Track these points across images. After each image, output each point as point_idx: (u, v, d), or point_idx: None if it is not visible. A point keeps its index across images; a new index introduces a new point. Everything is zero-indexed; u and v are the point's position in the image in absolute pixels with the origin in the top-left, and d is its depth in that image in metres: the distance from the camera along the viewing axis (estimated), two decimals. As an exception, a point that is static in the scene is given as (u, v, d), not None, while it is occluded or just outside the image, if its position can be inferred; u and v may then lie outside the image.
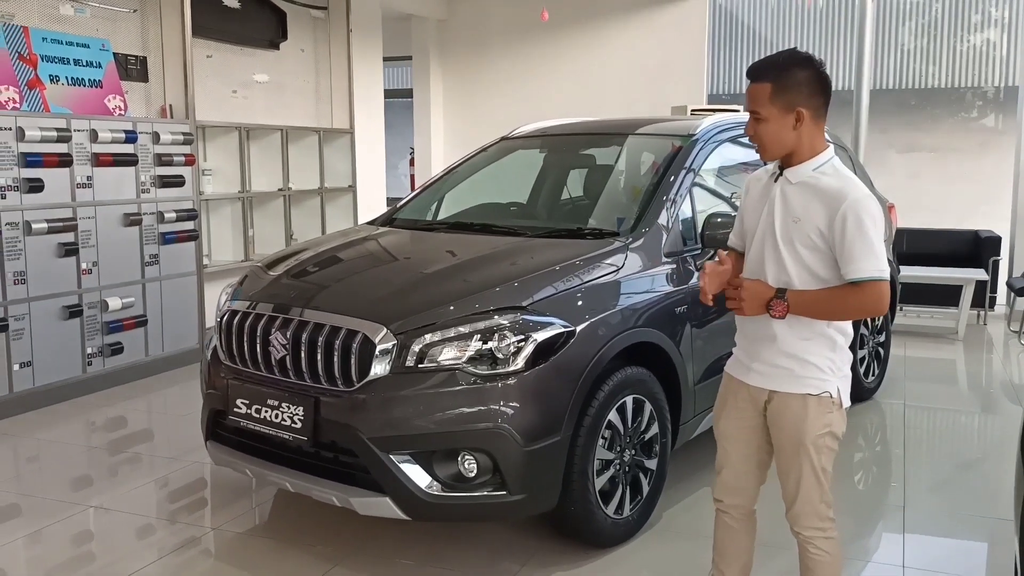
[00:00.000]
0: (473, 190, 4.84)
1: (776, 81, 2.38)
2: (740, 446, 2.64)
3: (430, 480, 3.10)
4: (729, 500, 2.70)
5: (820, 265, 2.40)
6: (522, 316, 3.20)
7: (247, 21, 7.43)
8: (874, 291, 2.32)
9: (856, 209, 2.32)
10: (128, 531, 3.78)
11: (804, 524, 2.53)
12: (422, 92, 10.66)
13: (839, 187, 2.37)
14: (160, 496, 4.16)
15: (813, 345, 2.44)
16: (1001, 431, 5.31)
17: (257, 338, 3.43)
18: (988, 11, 10.71)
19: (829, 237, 2.36)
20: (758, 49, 11.38)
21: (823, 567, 2.55)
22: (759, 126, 2.42)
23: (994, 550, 3.62)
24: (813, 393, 2.45)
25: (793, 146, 2.41)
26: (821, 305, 2.40)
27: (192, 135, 6.45)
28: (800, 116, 2.38)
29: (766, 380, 2.51)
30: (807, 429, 2.45)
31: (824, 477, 2.50)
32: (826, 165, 2.43)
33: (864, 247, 2.31)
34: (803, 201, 2.41)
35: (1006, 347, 7.27)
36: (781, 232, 2.44)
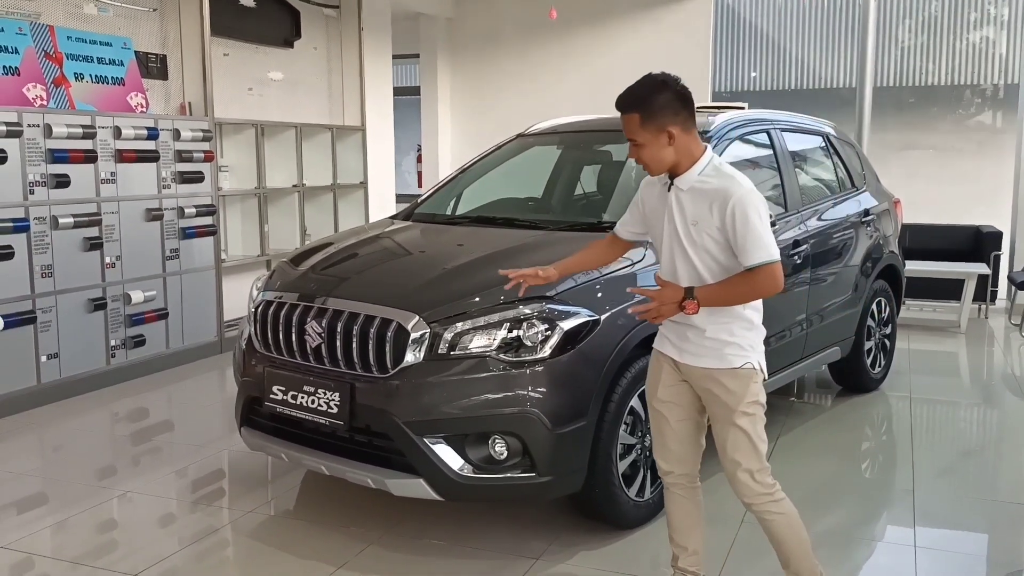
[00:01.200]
0: (491, 186, 4.96)
1: (642, 111, 2.63)
2: (678, 412, 2.85)
3: (462, 462, 3.24)
4: (679, 469, 2.91)
5: (725, 257, 2.64)
6: (548, 306, 3.33)
7: (263, 20, 7.56)
8: (767, 273, 2.57)
9: (741, 204, 2.56)
10: (162, 515, 3.91)
11: (751, 491, 2.74)
12: (430, 90, 10.79)
13: (723, 187, 2.61)
14: (189, 483, 4.29)
15: (733, 327, 2.69)
16: (1004, 421, 5.46)
17: (292, 327, 3.56)
18: (987, 9, 10.84)
19: (724, 232, 2.60)
20: (761, 47, 11.52)
21: (785, 527, 2.76)
22: (639, 151, 2.69)
23: (1001, 532, 3.76)
24: (737, 366, 2.69)
25: (674, 160, 2.67)
26: (727, 294, 2.64)
27: (211, 132, 6.58)
28: (671, 135, 2.63)
29: (695, 359, 2.75)
30: (736, 399, 2.70)
31: (759, 444, 2.73)
32: (708, 168, 2.68)
33: (752, 237, 2.56)
34: (696, 205, 2.66)
35: (1007, 340, 7.42)
36: (685, 236, 2.68)
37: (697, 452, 2.92)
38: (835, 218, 5.12)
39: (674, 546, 2.97)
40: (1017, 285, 7.45)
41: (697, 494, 2.96)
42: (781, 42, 11.52)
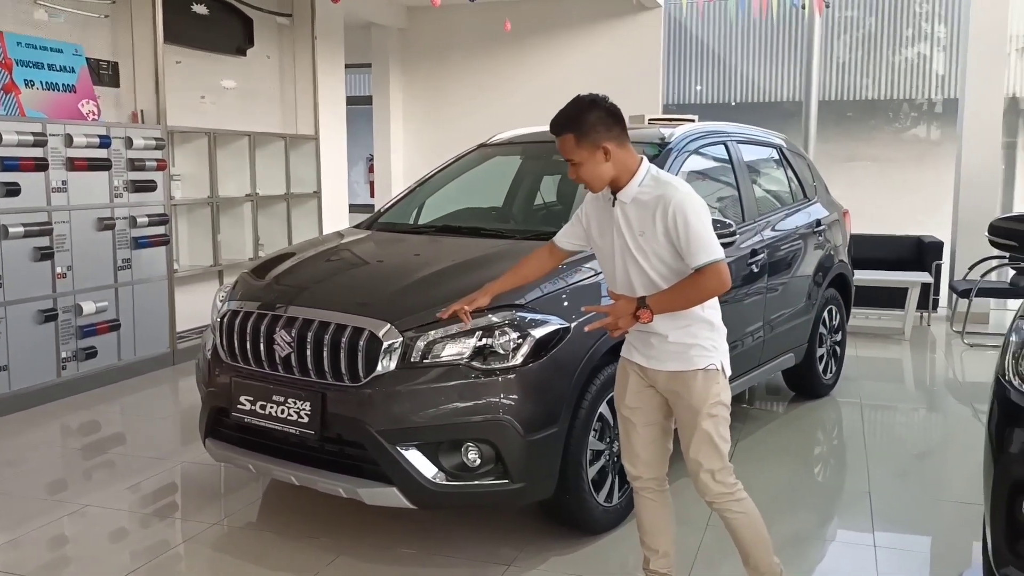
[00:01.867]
0: (453, 195, 4.99)
1: (576, 131, 2.72)
2: (645, 417, 2.92)
3: (436, 470, 3.25)
4: (647, 474, 2.97)
5: (676, 262, 2.73)
6: (520, 314, 3.36)
7: (215, 28, 7.48)
8: (712, 271, 2.65)
9: (681, 208, 2.66)
10: (120, 530, 3.84)
11: (711, 492, 2.83)
12: (382, 100, 10.77)
13: (662, 194, 2.70)
14: (146, 496, 4.21)
15: (693, 329, 2.78)
16: (950, 425, 5.64)
17: (260, 337, 3.53)
18: (920, 25, 11.23)
19: (670, 237, 2.69)
20: (706, 61, 11.75)
21: (745, 526, 2.85)
22: (578, 170, 2.77)
23: (955, 531, 3.88)
24: (701, 367, 2.77)
25: (612, 175, 2.76)
26: (677, 298, 2.72)
27: (164, 140, 6.49)
28: (607, 151, 2.71)
29: (661, 363, 2.82)
30: (700, 400, 2.78)
31: (722, 444, 2.81)
32: (646, 179, 2.77)
33: (695, 239, 2.64)
34: (640, 216, 2.75)
35: (949, 346, 7.67)
36: (635, 248, 2.77)
37: (665, 456, 2.98)
38: (789, 228, 5.26)
39: (645, 549, 3.02)
40: (959, 293, 7.70)
41: (666, 497, 3.02)
42: (726, 56, 11.78)
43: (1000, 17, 8.27)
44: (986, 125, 8.33)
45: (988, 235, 3.62)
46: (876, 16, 11.22)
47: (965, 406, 5.94)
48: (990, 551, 2.71)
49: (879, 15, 11.18)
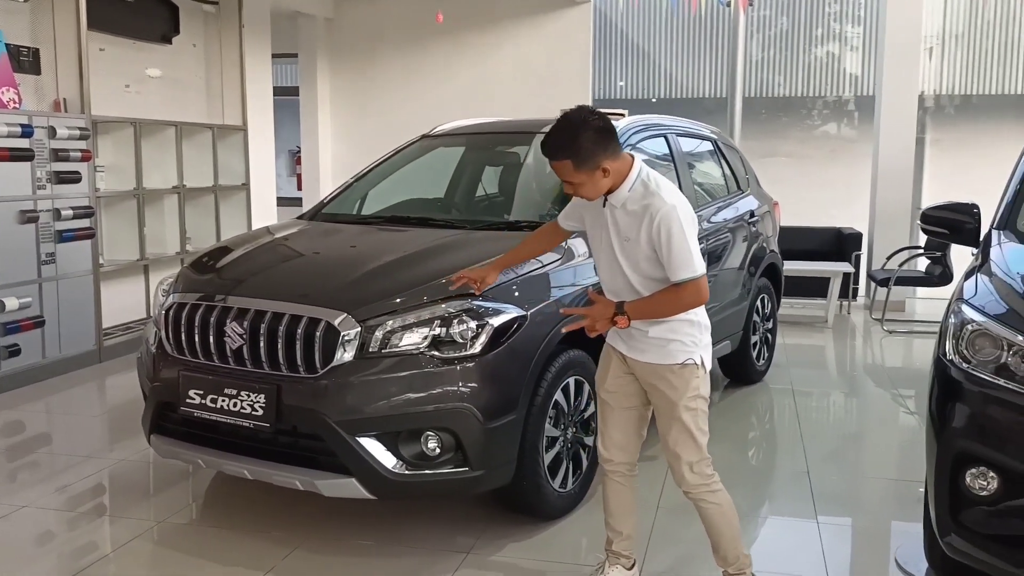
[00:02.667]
0: (397, 186, 4.96)
1: (572, 156, 2.70)
2: (623, 401, 2.98)
3: (396, 460, 3.24)
4: (619, 458, 3.02)
5: (657, 270, 2.77)
6: (477, 303, 3.37)
7: (140, 14, 7.25)
8: (691, 288, 2.70)
9: (667, 221, 2.68)
10: (69, 529, 3.72)
11: (688, 483, 2.89)
12: (309, 91, 10.61)
13: (648, 204, 2.73)
14: (87, 496, 4.09)
15: (675, 325, 2.82)
16: (875, 407, 5.88)
17: (210, 329, 3.46)
18: (831, 25, 11.63)
19: (652, 246, 2.73)
20: (630, 57, 11.92)
21: (719, 516, 2.91)
22: (577, 189, 2.78)
23: (889, 506, 4.07)
24: (679, 362, 2.81)
25: (610, 186, 2.77)
26: (654, 308, 2.79)
27: (88, 130, 6.27)
28: (606, 170, 2.73)
29: (642, 355, 2.88)
30: (678, 394, 2.83)
31: (699, 436, 2.86)
32: (636, 184, 2.78)
33: (676, 254, 2.67)
34: (627, 221, 2.80)
35: (869, 333, 7.97)
36: (620, 251, 2.82)
37: (638, 442, 3.04)
38: (726, 219, 5.40)
39: (609, 530, 3.07)
40: (878, 282, 8.01)
41: (634, 482, 3.07)
42: (649, 53, 11.98)
43: (914, 17, 8.62)
44: (901, 121, 8.68)
45: (920, 223, 3.79)
46: (788, 16, 11.56)
47: (888, 389, 6.20)
48: (933, 522, 2.86)
49: (791, 15, 11.51)
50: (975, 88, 11.00)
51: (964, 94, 11.08)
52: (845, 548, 3.58)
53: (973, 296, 2.97)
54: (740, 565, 2.93)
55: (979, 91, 11.01)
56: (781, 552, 3.49)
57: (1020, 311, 2.79)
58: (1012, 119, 11.10)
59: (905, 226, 8.76)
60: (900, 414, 5.69)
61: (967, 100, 11.14)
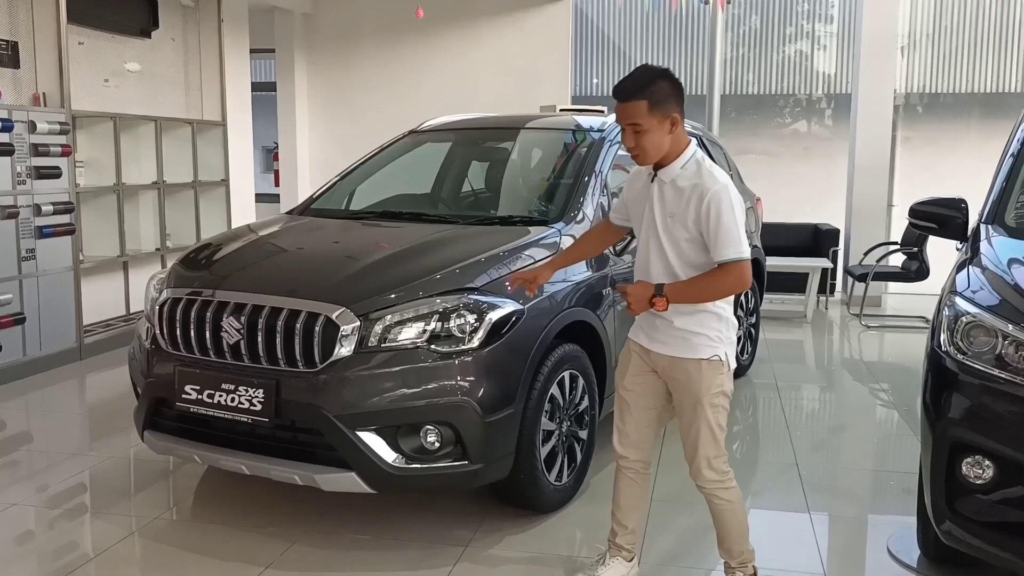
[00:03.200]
0: (386, 181, 4.95)
1: (650, 97, 2.71)
2: (642, 401, 2.98)
3: (395, 454, 3.24)
4: (634, 455, 3.03)
5: (697, 254, 2.75)
6: (475, 297, 3.39)
7: (119, 8, 7.16)
8: (736, 270, 2.68)
9: (717, 200, 2.67)
10: (60, 527, 3.69)
11: (704, 478, 2.89)
12: (286, 86, 10.53)
13: (701, 182, 2.73)
14: (79, 492, 4.05)
15: (702, 318, 2.80)
16: (858, 400, 5.97)
17: (207, 324, 3.44)
18: (801, 24, 11.74)
19: (699, 226, 2.71)
20: (604, 54, 11.96)
21: (728, 514, 2.93)
22: (641, 137, 2.73)
23: (878, 496, 4.14)
24: (705, 357, 2.80)
25: (668, 149, 2.76)
26: (695, 291, 2.76)
27: (68, 125, 6.19)
28: (675, 121, 2.74)
29: (665, 348, 2.86)
30: (702, 389, 2.81)
31: (719, 433, 2.86)
32: (690, 162, 2.78)
33: (724, 233, 2.66)
34: (674, 198, 2.78)
35: (847, 328, 8.08)
36: (662, 228, 2.80)
37: (653, 441, 3.04)
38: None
39: (615, 523, 3.09)
40: (856, 277, 8.12)
41: (648, 479, 3.07)
42: (625, 50, 12.02)
43: (890, 15, 8.75)
44: (877, 119, 8.81)
45: (909, 218, 3.85)
46: (759, 14, 11.65)
47: (869, 383, 6.30)
48: (929, 510, 2.91)
49: (762, 13, 11.61)
50: (943, 87, 11.17)
51: (932, 92, 11.25)
52: (838, 539, 3.64)
53: (966, 288, 3.03)
54: (744, 559, 2.95)
55: (947, 89, 11.18)
56: (776, 544, 3.52)
57: (1013, 302, 2.85)
58: (978, 117, 11.29)
59: (881, 222, 8.88)
60: (881, 407, 5.78)
61: (935, 98, 11.31)
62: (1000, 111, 11.14)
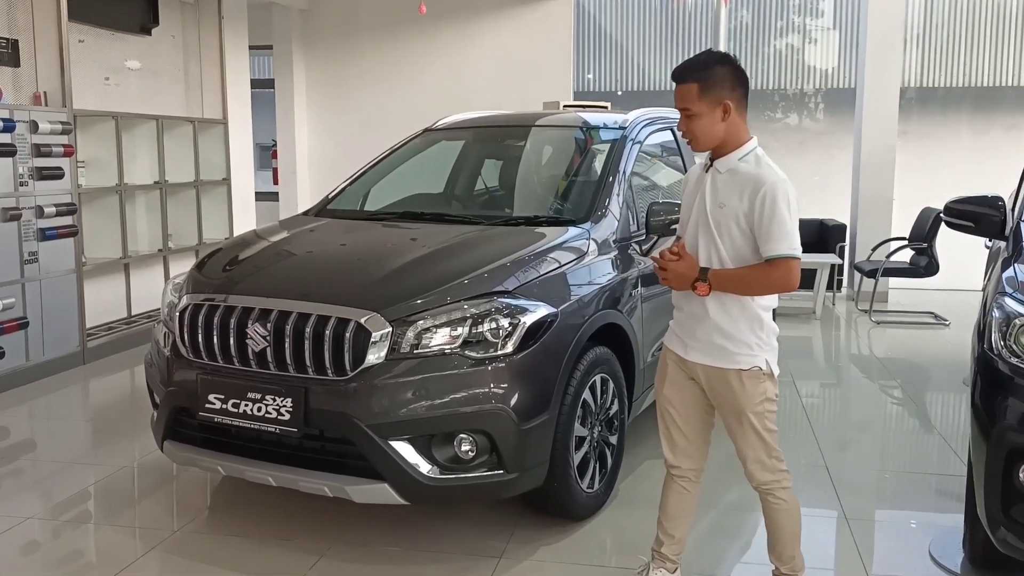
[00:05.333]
0: (402, 181, 4.85)
1: (702, 80, 2.64)
2: (684, 410, 2.89)
3: (429, 464, 3.15)
4: (687, 464, 2.93)
5: (746, 246, 2.65)
6: (509, 300, 3.30)
7: (120, 4, 7.03)
8: (786, 268, 2.59)
9: (773, 193, 2.59)
10: (79, 542, 3.58)
11: (759, 479, 2.81)
12: (284, 83, 10.40)
13: (758, 174, 2.64)
14: (97, 504, 3.94)
15: (742, 323, 2.70)
16: (880, 398, 5.90)
17: (231, 331, 3.33)
18: (792, 18, 11.68)
19: (750, 219, 2.62)
20: (600, 49, 11.87)
21: (783, 514, 2.84)
22: (692, 122, 2.67)
23: (915, 499, 4.07)
24: (745, 368, 2.71)
25: (722, 137, 2.68)
26: (740, 282, 2.66)
27: (71, 124, 6.06)
28: (727, 108, 2.65)
29: (702, 356, 2.76)
30: (745, 400, 2.72)
31: (769, 436, 2.77)
32: (749, 155, 2.70)
33: (778, 228, 2.57)
34: (728, 188, 2.68)
35: (856, 324, 8.03)
36: (712, 217, 2.69)
37: (705, 448, 2.94)
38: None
39: (662, 532, 2.99)
40: (865, 273, 8.07)
41: (699, 488, 2.97)
42: (621, 45, 11.94)
43: (897, 9, 8.67)
44: (883, 113, 8.74)
45: (943, 216, 3.78)
46: (750, 9, 11.58)
47: (887, 380, 6.24)
48: (983, 516, 2.84)
49: (753, 8, 11.54)
50: (935, 81, 11.15)
51: (924, 87, 11.23)
52: (878, 542, 3.56)
53: (1016, 289, 2.96)
54: (794, 566, 2.86)
55: (939, 84, 11.16)
56: (815, 547, 3.44)
57: (1067, 303, 2.78)
58: (969, 111, 11.28)
59: (887, 217, 8.82)
60: (902, 405, 5.72)
61: (928, 92, 11.30)
62: (990, 105, 11.13)
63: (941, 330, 7.73)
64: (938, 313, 8.08)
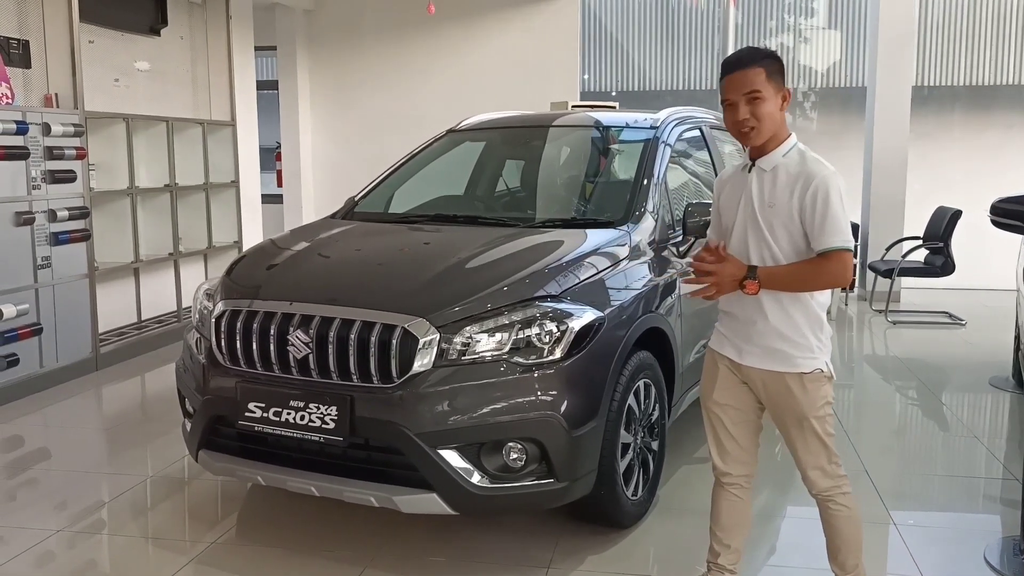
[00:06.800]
0: (428, 182, 4.77)
1: (768, 66, 2.60)
2: (737, 415, 2.81)
3: (479, 473, 3.06)
4: (738, 471, 2.85)
5: (802, 242, 2.58)
6: (556, 305, 3.22)
7: (129, 5, 6.92)
8: (839, 260, 2.52)
9: (825, 186, 2.53)
10: (122, 555, 3.49)
11: (820, 487, 2.73)
12: (289, 84, 10.30)
13: (808, 168, 2.59)
14: (128, 517, 3.82)
15: (803, 325, 2.63)
16: (911, 400, 5.85)
17: (271, 338, 3.24)
18: (783, 17, 11.63)
19: (802, 215, 2.56)
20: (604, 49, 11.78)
21: (845, 521, 2.76)
22: (759, 106, 2.58)
23: (958, 502, 4.02)
24: (807, 371, 2.64)
25: (778, 126, 2.63)
26: (791, 278, 2.58)
27: (83, 126, 5.96)
28: (786, 97, 2.63)
29: (761, 361, 2.68)
30: (807, 405, 2.65)
31: (829, 440, 2.70)
32: (792, 151, 2.65)
33: (831, 220, 2.51)
34: (776, 186, 2.62)
35: (872, 325, 7.98)
36: (762, 216, 2.63)
37: (755, 453, 2.87)
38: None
39: (716, 543, 2.92)
40: (881, 273, 8.02)
41: (751, 494, 2.90)
42: (622, 45, 11.86)
43: (908, 7, 8.64)
44: (895, 112, 8.71)
45: (990, 215, 3.72)
46: (741, 9, 11.52)
47: (912, 381, 6.18)
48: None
49: (745, 8, 11.48)
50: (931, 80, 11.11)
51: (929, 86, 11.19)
52: (930, 549, 3.47)
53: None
54: (858, 574, 2.81)
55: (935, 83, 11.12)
56: (868, 556, 3.36)
57: None
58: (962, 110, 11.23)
59: (899, 217, 8.78)
60: (932, 407, 5.65)
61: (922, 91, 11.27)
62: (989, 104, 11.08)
63: (958, 330, 7.68)
64: (953, 313, 8.04)
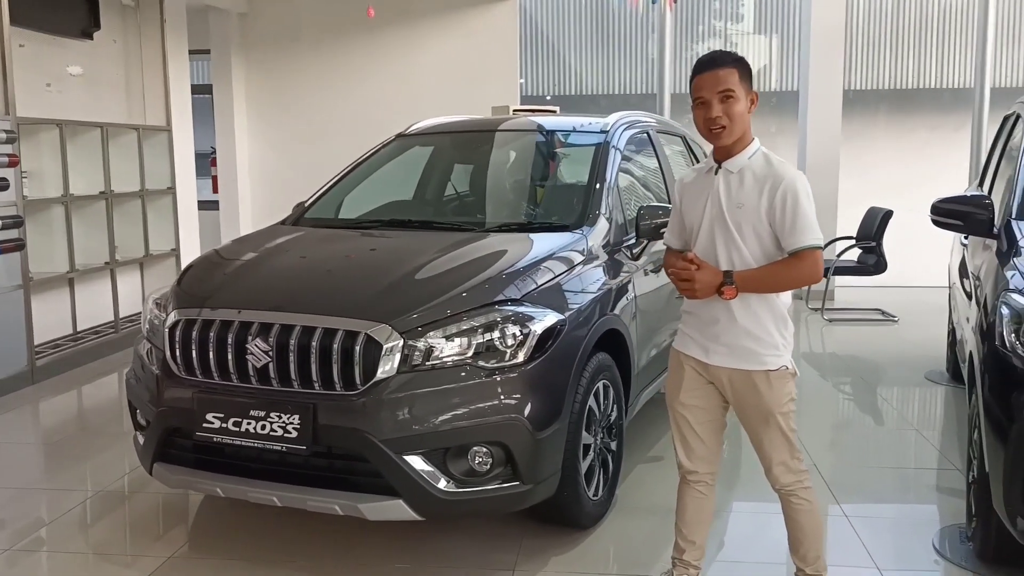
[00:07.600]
0: (379, 188, 4.74)
1: (741, 68, 2.68)
2: (703, 415, 2.88)
3: (445, 478, 3.06)
4: (704, 468, 2.92)
5: (770, 244, 2.66)
6: (518, 309, 3.23)
7: (59, 8, 6.72)
8: (811, 258, 2.61)
9: (794, 187, 2.62)
10: (82, 571, 3.38)
11: (783, 482, 2.82)
12: (223, 88, 10.11)
13: (775, 171, 2.67)
14: (80, 532, 3.72)
15: (770, 324, 2.71)
16: (851, 396, 6.02)
17: (228, 347, 3.19)
18: (712, 23, 11.88)
19: (771, 216, 2.63)
20: (538, 53, 11.86)
21: (807, 515, 2.85)
22: (732, 105, 2.64)
23: (904, 493, 4.16)
24: (773, 368, 2.72)
25: (745, 128, 2.70)
26: (766, 279, 2.66)
27: (15, 133, 5.77)
28: (754, 99, 2.71)
29: (728, 360, 2.75)
30: (773, 402, 2.73)
31: (792, 436, 2.80)
32: (757, 154, 2.73)
33: (801, 220, 2.59)
34: (743, 187, 2.68)
35: (809, 323, 8.17)
36: (730, 219, 2.69)
37: (719, 450, 2.94)
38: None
39: (681, 539, 2.97)
40: (817, 272, 8.21)
41: (714, 491, 2.97)
42: (558, 49, 11.95)
43: (838, 13, 8.89)
44: (826, 115, 8.95)
45: (931, 215, 3.85)
46: (673, 13, 11.71)
47: (852, 377, 6.37)
48: (1001, 508, 2.89)
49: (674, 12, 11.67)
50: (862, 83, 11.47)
51: (855, 90, 11.54)
52: (882, 539, 3.58)
53: (1022, 285, 3.03)
54: (818, 567, 2.87)
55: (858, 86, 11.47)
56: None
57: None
58: (886, 112, 11.62)
59: (832, 218, 9.01)
60: (873, 402, 5.82)
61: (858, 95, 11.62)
62: (913, 107, 11.48)
63: (891, 326, 7.94)
64: (885, 310, 8.30)
